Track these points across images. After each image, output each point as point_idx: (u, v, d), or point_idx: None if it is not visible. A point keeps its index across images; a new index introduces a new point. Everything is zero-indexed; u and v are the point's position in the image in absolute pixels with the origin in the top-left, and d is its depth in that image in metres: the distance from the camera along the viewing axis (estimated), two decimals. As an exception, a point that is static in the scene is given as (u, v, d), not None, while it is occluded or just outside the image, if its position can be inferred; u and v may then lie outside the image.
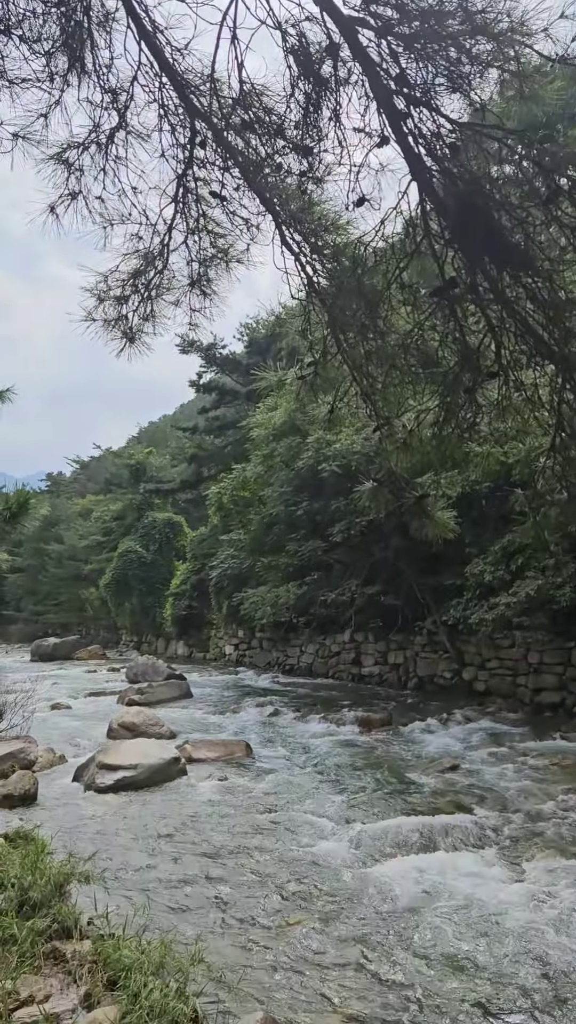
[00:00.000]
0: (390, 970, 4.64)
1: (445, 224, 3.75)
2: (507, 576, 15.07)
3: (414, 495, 4.71)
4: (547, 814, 7.84)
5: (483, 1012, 4.16)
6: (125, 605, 38.77)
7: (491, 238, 3.55)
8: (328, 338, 4.45)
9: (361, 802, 8.47)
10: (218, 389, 39.76)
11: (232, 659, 28.16)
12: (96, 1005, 3.86)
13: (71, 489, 64.91)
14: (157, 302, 4.72)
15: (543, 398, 4.43)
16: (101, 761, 9.44)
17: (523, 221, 3.55)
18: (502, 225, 3.58)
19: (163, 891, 5.89)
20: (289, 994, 4.33)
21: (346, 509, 19.32)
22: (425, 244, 3.84)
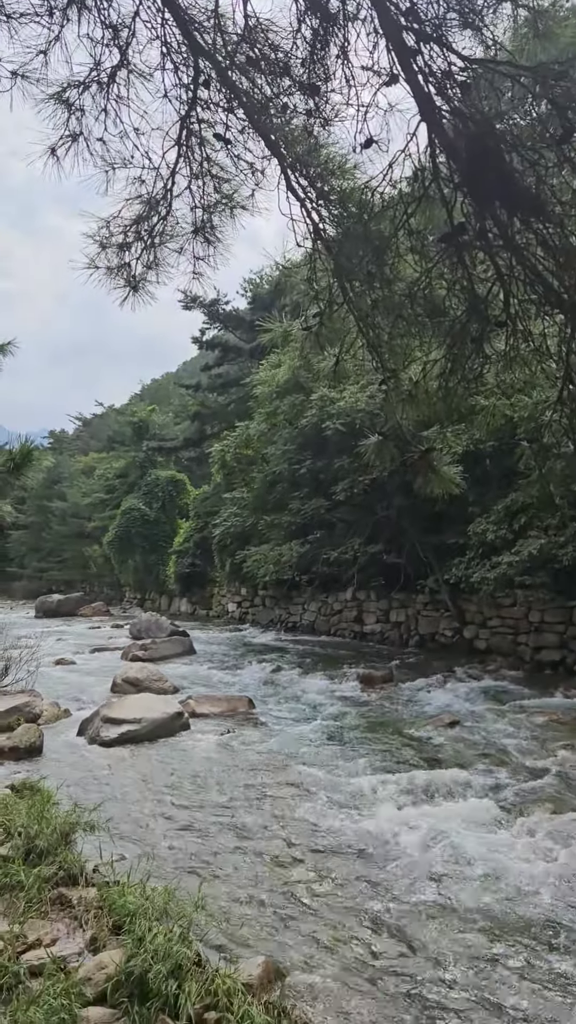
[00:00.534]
0: (389, 918, 4.73)
1: (455, 167, 3.64)
2: (510, 535, 15.07)
3: (419, 449, 4.66)
4: (546, 769, 7.93)
5: (479, 959, 4.25)
6: (128, 562, 38.92)
7: (502, 181, 3.45)
8: (334, 287, 4.35)
9: (362, 756, 8.58)
10: (221, 346, 39.41)
11: (235, 616, 28.35)
12: (102, 949, 3.95)
13: (74, 446, 64.72)
14: (160, 250, 4.60)
15: (551, 349, 4.36)
16: (105, 715, 9.55)
17: (535, 163, 3.44)
18: (513, 168, 3.47)
19: (166, 840, 5.99)
20: (290, 940, 4.43)
21: (349, 467, 19.25)
22: (434, 188, 3.74)
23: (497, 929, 4.59)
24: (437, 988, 3.93)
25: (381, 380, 4.75)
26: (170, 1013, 3.42)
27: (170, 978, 3.53)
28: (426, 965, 4.18)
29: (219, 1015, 3.39)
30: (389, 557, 19.03)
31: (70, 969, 3.73)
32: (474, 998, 3.84)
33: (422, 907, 4.88)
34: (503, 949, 4.35)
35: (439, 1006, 3.77)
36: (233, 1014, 3.33)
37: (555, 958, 4.26)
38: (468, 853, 5.69)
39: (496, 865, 5.48)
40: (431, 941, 4.44)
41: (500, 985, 3.97)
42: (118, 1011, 3.46)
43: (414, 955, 4.28)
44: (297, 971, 4.04)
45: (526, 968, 4.15)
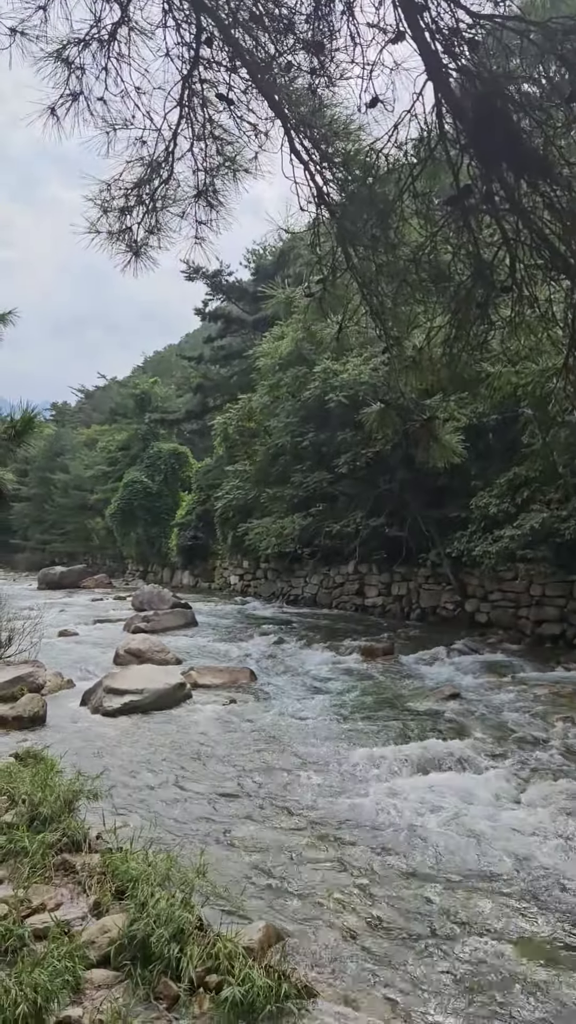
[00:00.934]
0: (389, 884, 4.79)
1: (461, 128, 3.57)
2: (512, 509, 15.07)
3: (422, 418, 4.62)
4: (545, 741, 7.99)
5: (478, 925, 4.31)
6: (131, 535, 39.01)
7: (509, 142, 3.38)
8: (337, 252, 4.29)
9: (363, 727, 8.64)
10: (224, 318, 39.14)
11: (237, 589, 28.45)
12: (105, 913, 4.01)
13: (76, 419, 64.57)
14: (162, 214, 4.52)
15: (557, 315, 4.31)
16: (108, 686, 9.62)
17: (543, 123, 3.37)
18: (521, 128, 3.40)
19: (169, 808, 6.05)
20: (290, 906, 4.49)
21: (352, 440, 19.21)
22: (440, 150, 3.67)
23: (496, 895, 4.64)
24: (434, 953, 3.99)
25: (384, 348, 4.70)
26: (172, 976, 3.47)
27: (172, 942, 3.58)
28: (423, 931, 4.23)
29: (220, 978, 3.44)
30: (391, 530, 19.05)
31: (74, 933, 3.79)
32: (473, 964, 3.90)
33: (421, 874, 4.94)
34: (501, 915, 4.40)
35: (436, 972, 3.83)
36: (234, 977, 3.38)
37: (551, 922, 4.31)
38: (467, 823, 5.75)
39: (495, 834, 5.53)
40: (430, 908, 4.50)
41: (499, 953, 4.03)
42: (121, 973, 3.52)
43: (412, 922, 4.34)
44: (297, 936, 4.10)
45: (525, 933, 4.21)
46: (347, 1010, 3.42)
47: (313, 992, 3.50)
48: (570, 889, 4.71)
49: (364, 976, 3.76)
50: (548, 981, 3.74)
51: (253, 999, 3.28)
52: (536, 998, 3.59)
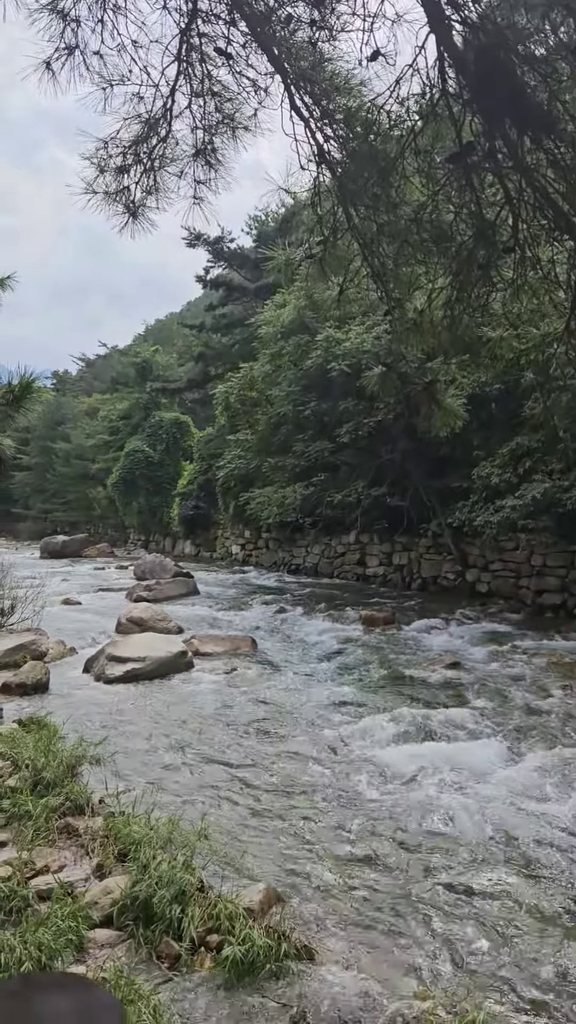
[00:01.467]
0: (388, 848, 4.86)
1: (464, 83, 3.49)
2: (514, 479, 15.04)
3: (423, 381, 4.59)
4: (544, 709, 8.06)
5: (474, 887, 4.37)
6: (132, 504, 39.05)
7: (512, 97, 3.31)
8: (338, 212, 4.22)
9: (364, 695, 8.71)
10: (226, 285, 38.79)
11: (238, 559, 28.52)
12: (108, 875, 4.08)
13: (77, 387, 64.31)
14: (161, 174, 4.43)
15: (559, 277, 4.25)
16: (110, 653, 9.68)
17: (548, 77, 3.29)
18: (525, 82, 3.32)
19: (170, 774, 6.12)
20: (290, 868, 4.55)
21: (354, 410, 19.13)
22: (442, 105, 3.59)
23: (495, 859, 4.71)
24: (432, 916, 4.06)
25: (386, 311, 4.64)
26: (174, 936, 3.54)
27: (174, 903, 3.65)
28: (422, 894, 4.30)
29: (221, 938, 3.50)
30: (393, 500, 19.04)
31: (77, 894, 3.86)
32: (472, 926, 3.96)
33: (420, 839, 5.00)
34: (499, 878, 4.47)
35: (434, 933, 3.89)
36: (235, 937, 3.45)
37: (548, 884, 4.38)
38: (466, 788, 5.82)
39: (494, 799, 5.59)
40: (428, 872, 4.56)
41: (497, 914, 4.09)
42: (123, 933, 3.59)
43: (410, 884, 4.41)
44: (296, 898, 4.17)
45: (523, 895, 4.27)
46: (344, 969, 3.49)
47: (312, 952, 3.57)
48: (567, 851, 4.77)
49: (362, 937, 3.82)
50: (544, 942, 3.80)
51: (253, 958, 3.35)
52: (532, 961, 3.65)
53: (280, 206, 34.70)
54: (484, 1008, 3.15)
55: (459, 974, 3.53)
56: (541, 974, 3.53)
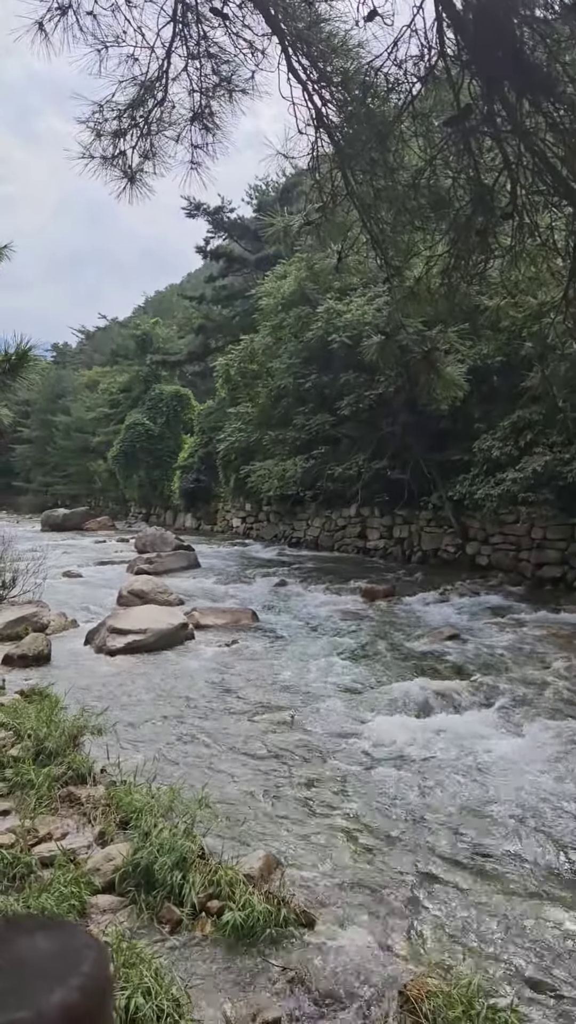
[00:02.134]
0: (386, 817, 4.91)
1: (462, 44, 3.42)
2: (515, 452, 15.02)
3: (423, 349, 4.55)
4: (543, 680, 8.10)
5: (471, 853, 4.43)
6: (133, 477, 39.03)
7: (512, 58, 3.24)
8: (336, 177, 4.15)
9: (364, 667, 8.76)
10: (226, 256, 38.49)
11: (239, 532, 28.56)
12: (110, 842, 4.13)
13: (77, 360, 64.05)
14: (157, 138, 4.36)
15: (558, 244, 4.20)
16: (111, 625, 9.73)
17: (547, 38, 3.23)
18: (524, 42, 3.25)
19: (171, 744, 6.18)
20: (289, 836, 4.61)
21: (355, 382, 19.05)
22: (440, 66, 3.52)
23: (491, 826, 4.76)
24: (432, 881, 4.11)
25: (385, 278, 4.59)
26: (175, 901, 3.60)
27: (175, 869, 3.70)
28: (420, 860, 4.35)
29: (221, 903, 3.56)
30: (393, 473, 19.02)
31: (79, 861, 3.91)
32: (469, 891, 4.02)
33: (418, 807, 5.06)
34: (496, 844, 4.52)
35: (433, 899, 3.95)
36: (235, 902, 3.50)
37: (545, 850, 4.43)
38: (464, 758, 5.87)
39: (491, 768, 5.65)
40: (426, 838, 4.62)
41: (493, 878, 4.15)
42: (125, 899, 3.65)
43: (409, 852, 4.46)
44: (296, 865, 4.22)
45: (519, 860, 4.33)
46: (344, 933, 3.55)
47: (311, 917, 3.62)
48: (565, 818, 4.82)
49: (361, 903, 3.88)
50: (540, 907, 3.86)
51: (253, 923, 3.40)
52: (528, 926, 3.71)
53: (281, 175, 34.25)
54: (479, 972, 3.21)
55: (456, 939, 3.58)
56: (537, 939, 3.59)
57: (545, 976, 3.30)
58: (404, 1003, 2.97)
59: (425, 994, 2.93)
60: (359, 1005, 3.07)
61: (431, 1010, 2.84)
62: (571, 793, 5.22)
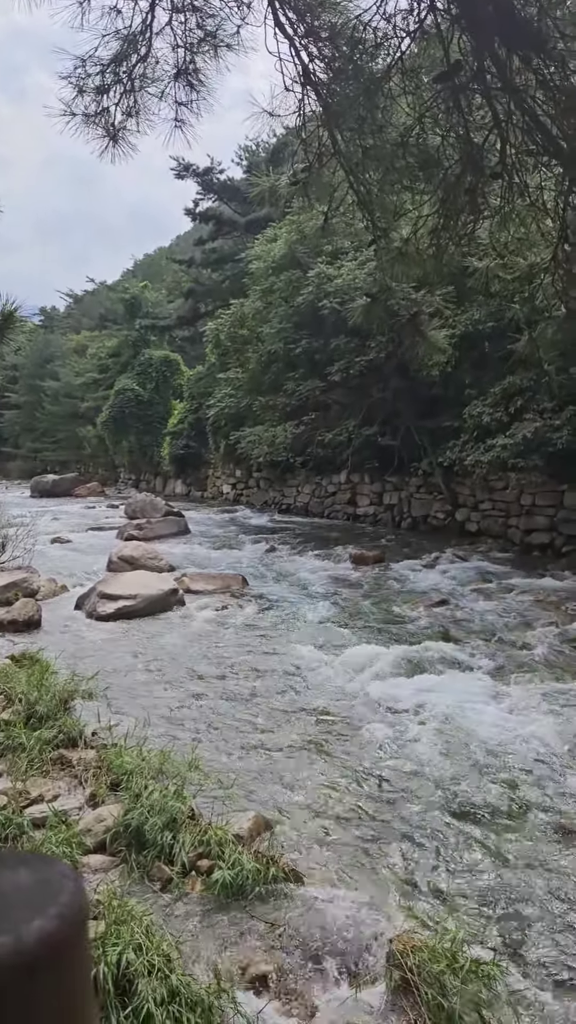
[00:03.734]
0: (374, 777, 4.99)
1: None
2: (505, 418, 15.00)
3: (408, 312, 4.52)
4: (529, 644, 8.19)
5: (457, 811, 4.51)
6: (123, 443, 38.87)
7: (501, 13, 3.17)
8: (323, 135, 4.08)
9: (353, 631, 8.83)
10: (216, 219, 37.95)
11: (229, 498, 28.55)
12: (101, 804, 4.18)
13: (65, 324, 63.32)
14: (141, 95, 4.25)
15: (547, 204, 4.15)
16: (102, 591, 9.75)
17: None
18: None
19: (162, 708, 6.23)
20: (278, 797, 4.68)
21: (345, 348, 18.93)
22: (430, 21, 3.44)
23: (477, 784, 4.84)
24: (419, 840, 4.19)
25: (371, 240, 4.53)
26: (165, 860, 3.65)
27: (165, 830, 3.75)
28: (408, 819, 4.43)
29: (211, 862, 3.62)
30: (383, 440, 18.99)
31: (71, 822, 3.96)
32: (455, 848, 4.10)
33: (405, 767, 5.13)
34: (482, 802, 4.60)
35: (419, 857, 4.03)
36: (224, 861, 3.56)
37: (530, 804, 4.52)
38: (451, 720, 5.94)
39: (477, 730, 5.73)
40: (413, 798, 4.70)
41: (481, 836, 4.23)
42: (116, 858, 3.70)
43: (396, 811, 4.54)
44: (285, 824, 4.29)
45: (504, 817, 4.41)
46: (331, 890, 3.62)
47: (299, 875, 3.69)
48: (547, 775, 4.91)
49: (349, 861, 3.96)
50: (524, 859, 3.94)
51: (242, 881, 3.46)
52: (514, 880, 3.79)
53: (271, 135, 33.67)
54: (463, 928, 3.29)
55: (441, 896, 3.66)
56: (522, 891, 3.67)
57: (528, 932, 3.38)
58: (390, 957, 3.04)
59: (411, 948, 3.00)
60: (347, 959, 3.14)
61: (416, 964, 2.91)
62: (556, 751, 5.31)
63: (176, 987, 2.68)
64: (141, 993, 2.63)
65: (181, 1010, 2.60)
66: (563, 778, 4.97)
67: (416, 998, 2.82)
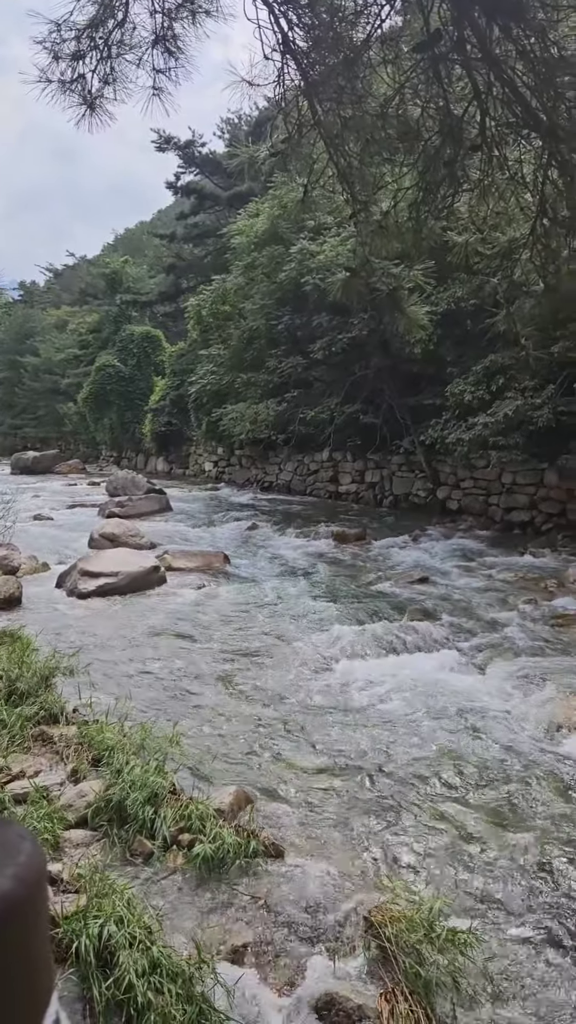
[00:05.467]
0: (353, 753, 5.04)
1: None
2: (487, 396, 15.03)
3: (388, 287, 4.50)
4: (508, 622, 8.27)
5: (435, 786, 4.57)
6: (104, 420, 38.60)
7: None
8: (303, 105, 4.02)
9: (333, 609, 8.87)
10: (197, 193, 37.52)
11: (211, 476, 28.49)
12: (82, 779, 4.20)
13: (45, 299, 62.52)
14: (118, 61, 4.17)
15: (526, 178, 4.14)
16: (83, 568, 9.72)
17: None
18: None
19: (143, 684, 6.25)
20: (259, 773, 4.72)
21: (328, 325, 18.87)
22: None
23: (455, 761, 4.90)
24: (394, 814, 4.25)
25: (351, 213, 4.50)
26: (147, 835, 3.68)
27: (147, 805, 3.78)
28: (386, 794, 4.49)
29: (192, 837, 3.65)
30: (366, 418, 18.99)
31: (52, 797, 3.97)
32: (433, 821, 4.16)
33: (384, 744, 5.19)
34: (458, 778, 4.67)
35: (398, 830, 4.09)
36: (206, 835, 3.59)
37: (501, 783, 4.59)
38: (430, 698, 6.01)
39: (455, 707, 5.79)
40: (391, 774, 4.75)
41: (452, 813, 4.29)
42: (98, 833, 3.73)
43: (374, 786, 4.59)
44: (266, 800, 4.33)
45: (478, 793, 4.48)
46: (311, 863, 3.67)
47: (280, 849, 3.73)
48: (522, 752, 4.98)
49: (329, 836, 4.00)
50: (497, 833, 4.01)
51: (223, 855, 3.50)
52: (488, 852, 3.86)
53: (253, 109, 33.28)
54: (440, 899, 3.34)
55: (418, 868, 3.72)
56: (495, 863, 3.73)
57: (503, 901, 3.45)
58: (368, 928, 3.09)
59: (388, 919, 3.05)
60: (325, 930, 3.19)
61: (394, 934, 2.96)
62: (530, 729, 5.39)
63: (157, 958, 2.71)
64: (122, 964, 2.66)
65: (162, 981, 2.64)
66: (537, 752, 5.04)
67: (394, 967, 2.88)
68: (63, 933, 2.86)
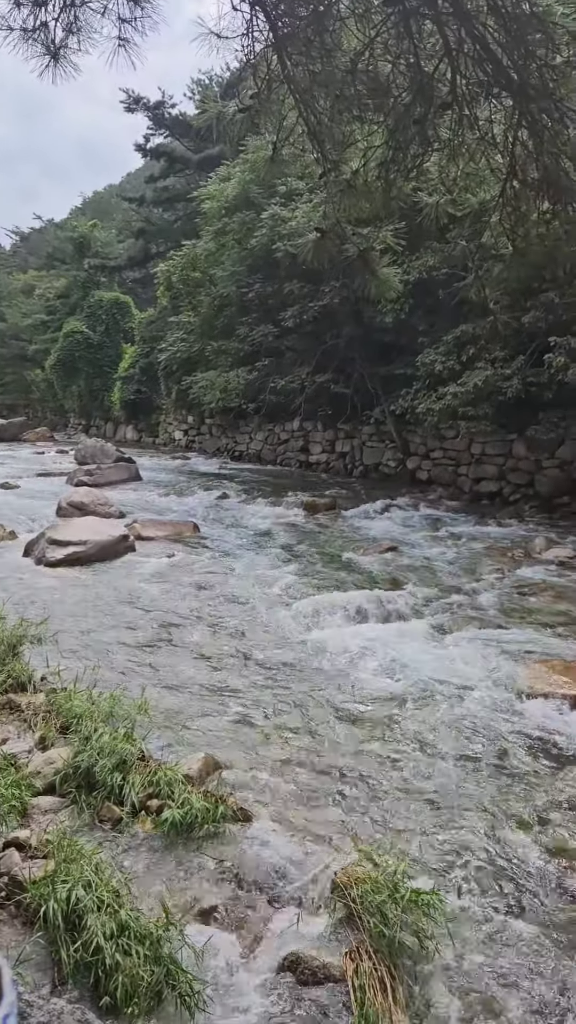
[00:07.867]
0: (321, 721, 5.09)
1: None
2: (457, 366, 15.05)
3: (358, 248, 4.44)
4: (475, 591, 8.38)
5: (400, 750, 4.64)
6: (72, 388, 38.12)
7: None
8: (272, 58, 3.93)
9: (304, 578, 8.90)
10: (167, 155, 36.80)
11: (181, 444, 28.32)
12: (50, 747, 4.20)
13: (11, 263, 61.15)
14: (82, 10, 4.02)
15: (497, 138, 4.10)
16: (51, 537, 9.64)
17: None
18: None
19: (111, 653, 6.24)
20: (228, 740, 4.75)
21: (300, 293, 18.71)
22: None
23: (421, 725, 4.98)
24: (360, 778, 4.31)
25: (321, 172, 4.43)
26: (115, 801, 3.70)
27: (115, 771, 3.79)
28: (353, 760, 4.55)
29: (161, 802, 3.67)
30: (336, 387, 18.94)
31: (20, 764, 3.97)
32: (398, 785, 4.23)
33: (352, 711, 5.25)
34: (423, 741, 4.74)
35: (365, 794, 4.15)
36: (174, 801, 3.61)
37: (467, 742, 4.68)
38: (397, 665, 6.08)
39: (422, 674, 5.87)
40: (359, 739, 4.82)
41: (418, 777, 4.36)
42: (66, 800, 3.74)
43: (343, 753, 4.65)
44: (234, 766, 4.37)
45: (443, 759, 4.55)
46: (279, 827, 3.71)
47: (248, 814, 3.77)
48: (484, 716, 5.07)
49: (297, 801, 4.05)
50: (461, 802, 4.09)
51: (192, 820, 3.52)
52: (453, 816, 3.94)
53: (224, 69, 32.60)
54: (407, 858, 3.40)
55: (386, 830, 3.78)
56: (462, 826, 3.81)
57: (467, 862, 3.52)
58: (334, 889, 3.15)
59: (354, 880, 3.10)
60: (292, 892, 3.24)
61: (359, 895, 3.01)
62: (496, 695, 5.47)
63: (125, 921, 2.73)
64: (90, 928, 2.68)
65: (130, 943, 2.66)
66: (502, 718, 5.13)
67: (359, 926, 2.93)
68: (31, 898, 2.87)
